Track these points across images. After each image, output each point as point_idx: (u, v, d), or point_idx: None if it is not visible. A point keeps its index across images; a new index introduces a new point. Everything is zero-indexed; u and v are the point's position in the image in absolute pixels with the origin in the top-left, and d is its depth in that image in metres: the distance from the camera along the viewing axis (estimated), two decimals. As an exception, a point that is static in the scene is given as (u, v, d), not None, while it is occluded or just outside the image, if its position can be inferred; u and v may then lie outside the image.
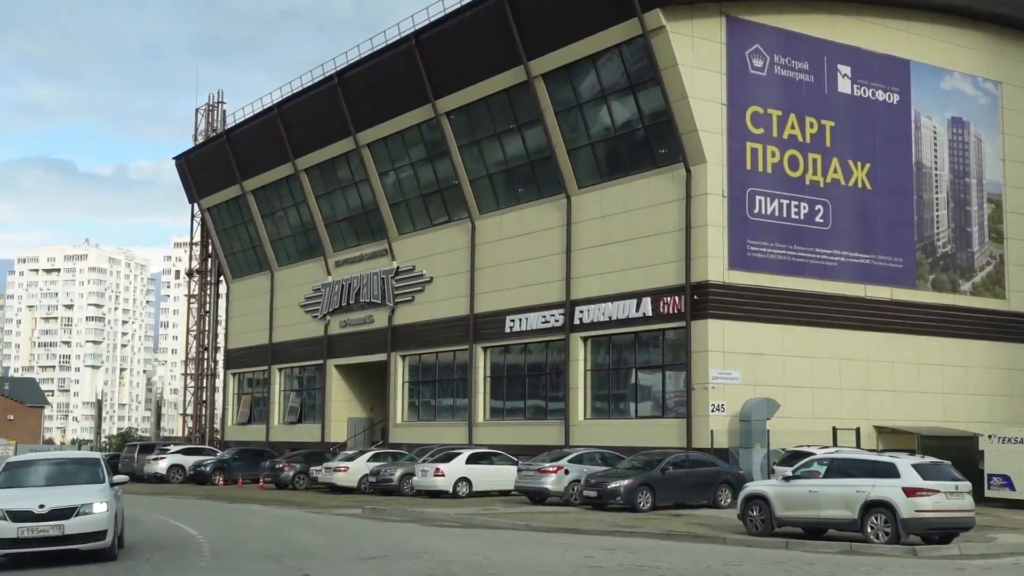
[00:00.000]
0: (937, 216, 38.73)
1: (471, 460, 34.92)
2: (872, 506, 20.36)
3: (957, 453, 30.01)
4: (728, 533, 22.20)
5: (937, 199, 38.80)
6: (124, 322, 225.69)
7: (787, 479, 22.22)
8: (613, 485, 28.44)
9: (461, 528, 24.52)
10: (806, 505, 21.42)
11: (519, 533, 23.14)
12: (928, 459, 21.40)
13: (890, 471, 20.61)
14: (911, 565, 18.19)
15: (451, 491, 33.84)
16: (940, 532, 20.53)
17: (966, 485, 20.87)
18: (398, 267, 47.46)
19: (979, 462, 32.36)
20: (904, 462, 20.77)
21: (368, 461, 38.50)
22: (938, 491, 20.17)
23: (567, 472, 31.14)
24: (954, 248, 38.99)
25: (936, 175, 38.80)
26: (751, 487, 23.23)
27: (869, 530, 20.40)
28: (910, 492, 20.07)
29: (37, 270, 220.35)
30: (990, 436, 32.90)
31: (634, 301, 35.93)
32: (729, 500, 28.77)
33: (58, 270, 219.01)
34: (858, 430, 33.88)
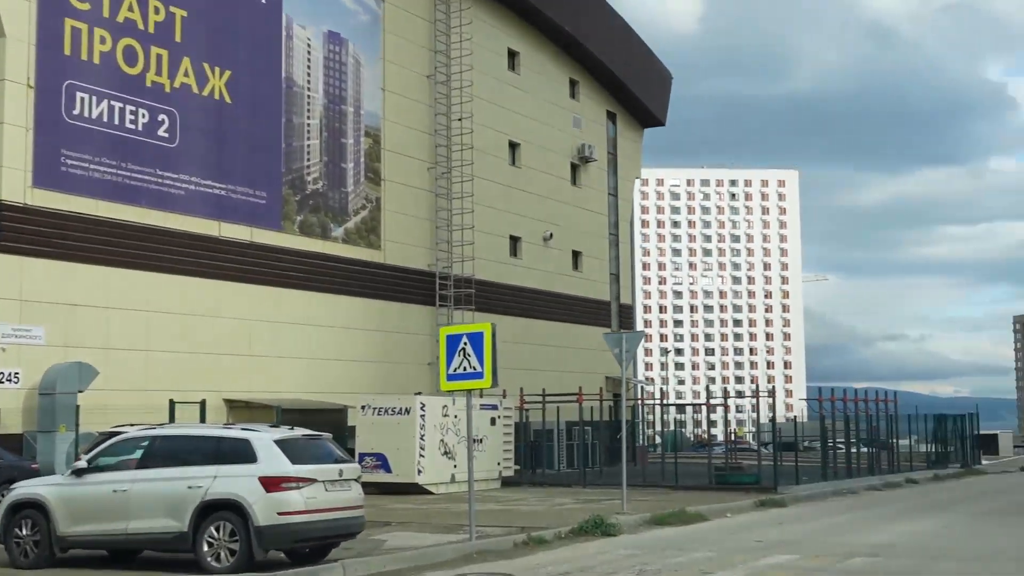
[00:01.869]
0: (308, 146, 32.18)
1: None
2: (212, 509, 12.80)
3: (325, 430, 23.55)
4: (-25, 569, 13.27)
5: (309, 126, 32.25)
6: None
7: (79, 473, 13.82)
8: None
9: None
10: (109, 514, 13.32)
11: None
12: (300, 431, 14.16)
13: (242, 452, 13.16)
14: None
15: None
16: (316, 543, 13.42)
17: (353, 469, 14.05)
18: None
19: (349, 439, 27.00)
20: (263, 437, 13.33)
21: None
22: (315, 480, 13.07)
23: None
24: (326, 186, 32.71)
25: (309, 97, 32.23)
26: (21, 490, 14.39)
27: (206, 548, 12.76)
28: (271, 484, 12.76)
29: None
30: (362, 408, 27.81)
31: None
32: (10, 509, 19.60)
33: None
34: (203, 403, 26.18)
